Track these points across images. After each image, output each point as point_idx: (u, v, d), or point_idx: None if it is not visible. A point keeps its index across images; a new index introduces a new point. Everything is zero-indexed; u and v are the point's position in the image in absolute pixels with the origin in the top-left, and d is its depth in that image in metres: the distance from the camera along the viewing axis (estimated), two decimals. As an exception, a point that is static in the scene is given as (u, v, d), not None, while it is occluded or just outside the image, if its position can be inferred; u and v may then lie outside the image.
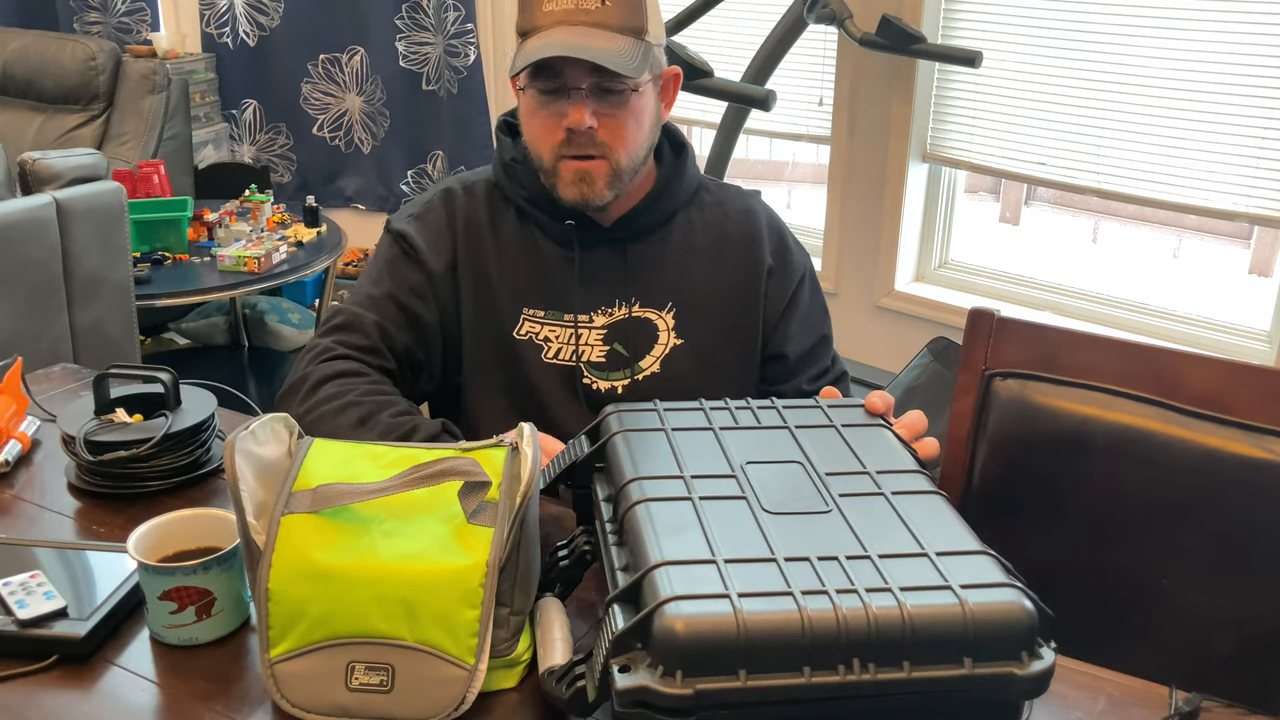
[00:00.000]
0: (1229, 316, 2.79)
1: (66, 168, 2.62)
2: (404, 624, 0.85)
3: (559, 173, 1.25)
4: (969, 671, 0.73)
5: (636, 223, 1.32)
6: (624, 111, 1.23)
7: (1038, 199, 5.99)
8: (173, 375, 1.23)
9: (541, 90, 1.22)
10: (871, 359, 3.10)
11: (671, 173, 1.34)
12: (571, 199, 1.25)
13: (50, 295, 2.56)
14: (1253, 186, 2.53)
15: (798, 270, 1.38)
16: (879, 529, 0.82)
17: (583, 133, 1.21)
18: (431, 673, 0.85)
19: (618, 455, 0.92)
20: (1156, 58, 2.59)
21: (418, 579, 0.85)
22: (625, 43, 1.19)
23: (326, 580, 0.85)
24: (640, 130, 1.26)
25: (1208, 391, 1.18)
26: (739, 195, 1.41)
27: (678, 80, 1.33)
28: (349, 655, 0.85)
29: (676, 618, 0.71)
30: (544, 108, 1.23)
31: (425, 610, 0.85)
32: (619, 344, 1.31)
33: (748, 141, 3.50)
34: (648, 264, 1.33)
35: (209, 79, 4.10)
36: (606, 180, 1.24)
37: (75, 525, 1.14)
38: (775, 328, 1.36)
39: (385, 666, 0.86)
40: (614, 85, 1.21)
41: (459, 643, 0.85)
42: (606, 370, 1.31)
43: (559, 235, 1.31)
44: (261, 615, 0.86)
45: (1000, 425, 1.29)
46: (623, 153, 1.24)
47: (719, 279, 1.34)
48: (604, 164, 1.24)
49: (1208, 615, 1.17)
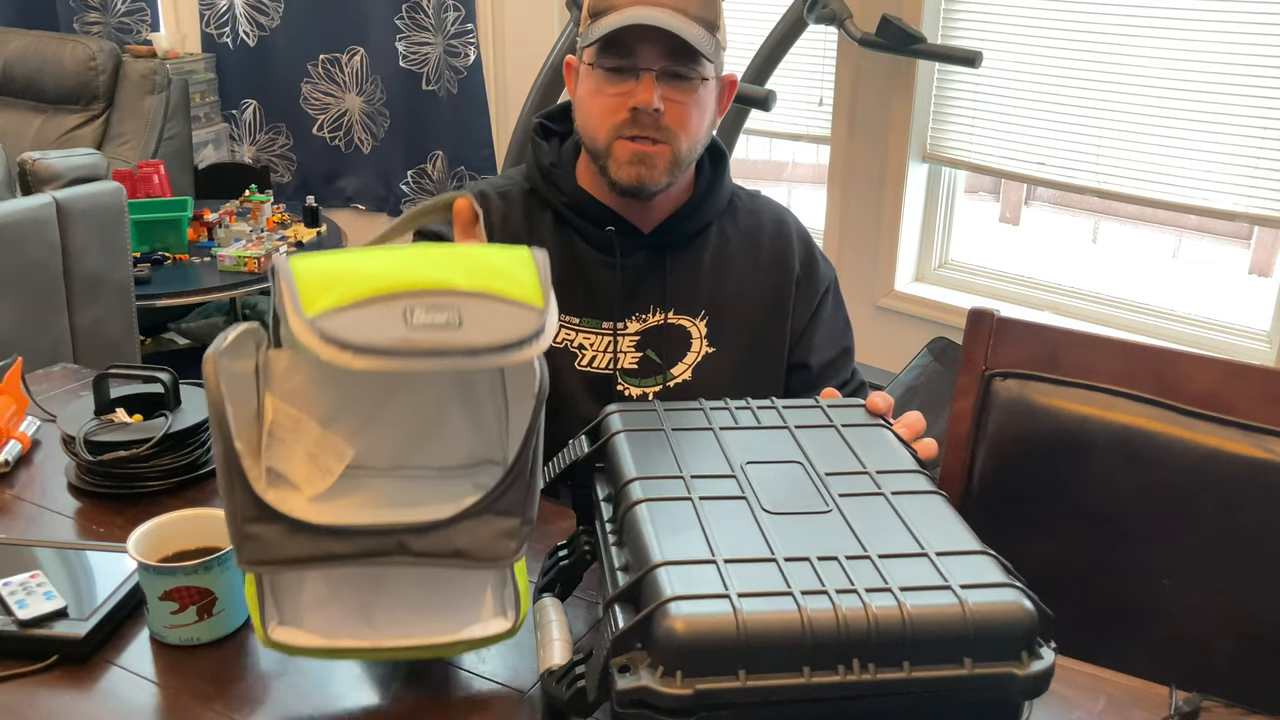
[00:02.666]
0: (1229, 316, 2.79)
1: (66, 168, 2.62)
2: (461, 275, 0.79)
3: (613, 152, 1.22)
4: (969, 672, 0.73)
5: (676, 230, 1.31)
6: (691, 99, 1.22)
7: (1038, 199, 5.99)
8: (173, 375, 1.24)
9: (610, 68, 1.21)
10: (871, 359, 3.10)
11: (711, 180, 1.34)
12: (627, 180, 1.23)
13: (50, 295, 2.56)
14: (1253, 186, 2.53)
15: (823, 282, 1.38)
16: (879, 529, 0.82)
17: (648, 115, 1.20)
18: (500, 312, 0.79)
19: (618, 455, 0.92)
20: (1156, 58, 2.59)
21: (468, 258, 0.81)
22: (702, 31, 1.19)
23: (360, 261, 0.79)
24: (703, 123, 1.25)
25: (1208, 391, 1.18)
26: (771, 205, 1.40)
27: (732, 88, 1.32)
28: (404, 302, 0.77)
29: (677, 618, 0.71)
30: (610, 84, 1.21)
31: (481, 267, 0.80)
32: (652, 350, 1.30)
33: (748, 141, 3.50)
34: (684, 271, 1.31)
35: (209, 79, 4.10)
36: (666, 166, 1.22)
37: (75, 525, 1.14)
38: (800, 338, 1.35)
39: (451, 306, 0.78)
40: (686, 71, 1.20)
41: (522, 288, 0.80)
42: (639, 377, 1.29)
43: (599, 241, 1.29)
44: (288, 284, 0.79)
45: (1000, 425, 1.29)
46: (685, 141, 1.23)
47: (751, 288, 1.33)
48: (666, 149, 1.22)
49: (1208, 615, 1.17)
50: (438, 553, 0.85)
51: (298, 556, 0.84)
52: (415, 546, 0.85)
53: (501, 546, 0.87)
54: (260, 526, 0.84)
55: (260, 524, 0.84)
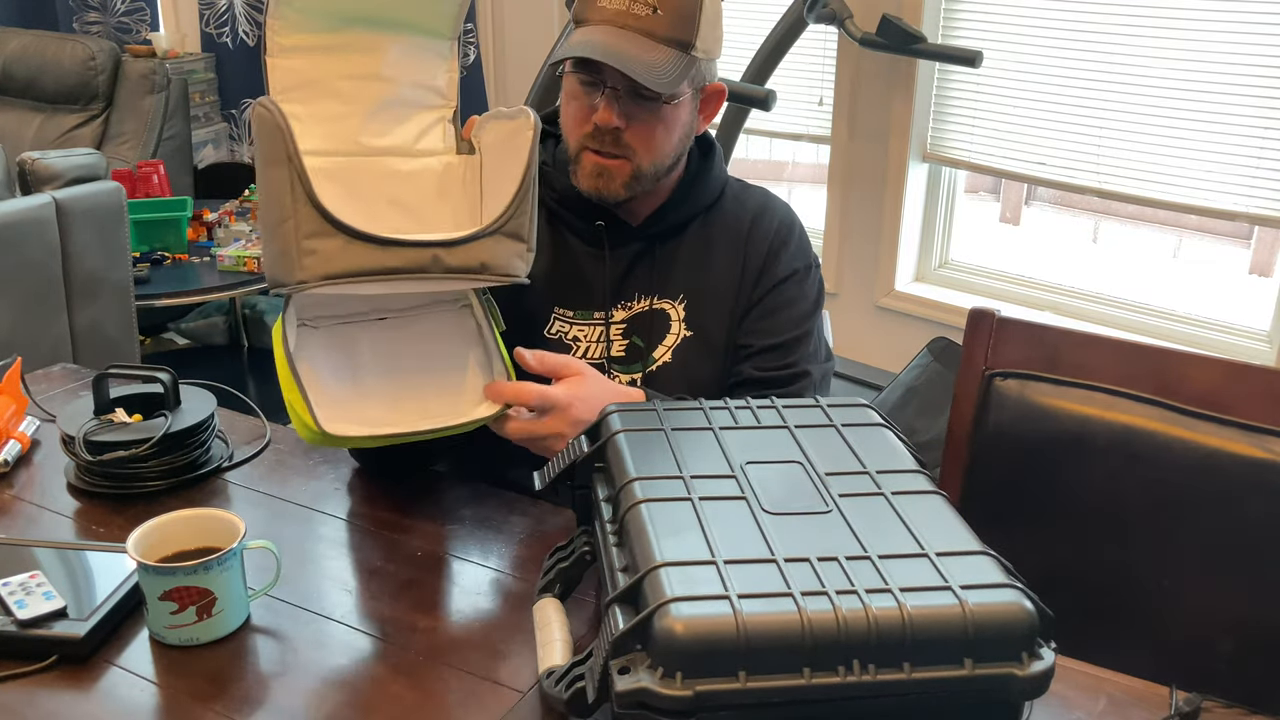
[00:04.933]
0: (1229, 316, 2.79)
1: (66, 168, 2.62)
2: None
3: (580, 161, 1.26)
4: (969, 672, 0.73)
5: (663, 221, 1.33)
6: (654, 119, 1.23)
7: (1038, 199, 5.98)
8: (172, 375, 1.24)
9: (580, 81, 1.24)
10: (871, 359, 3.10)
11: (698, 172, 1.35)
12: (587, 189, 1.27)
13: (50, 295, 2.56)
14: (1253, 186, 2.53)
15: (787, 268, 1.36)
16: (879, 529, 0.82)
17: (608, 131, 1.22)
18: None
19: (618, 455, 0.92)
20: (1156, 58, 2.59)
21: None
22: (667, 55, 1.19)
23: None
24: (669, 140, 1.26)
25: (1208, 391, 1.18)
26: (762, 195, 1.41)
27: (721, 97, 1.33)
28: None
29: (676, 619, 0.71)
30: (579, 98, 1.25)
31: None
32: (637, 336, 1.32)
33: (748, 141, 3.50)
34: (669, 259, 1.33)
35: (209, 79, 4.10)
36: (624, 181, 1.25)
37: (75, 525, 1.14)
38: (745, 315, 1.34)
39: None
40: (649, 92, 1.21)
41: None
42: (626, 364, 1.32)
43: (589, 235, 1.32)
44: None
45: (1000, 425, 1.29)
46: (646, 158, 1.25)
47: (727, 271, 1.34)
48: (625, 165, 1.24)
49: (1208, 615, 1.17)
50: (466, 268, 1.06)
51: (354, 269, 1.00)
52: (448, 260, 1.05)
53: (515, 265, 1.11)
54: (319, 241, 0.99)
55: (319, 238, 0.99)
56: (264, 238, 1.04)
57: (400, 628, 0.98)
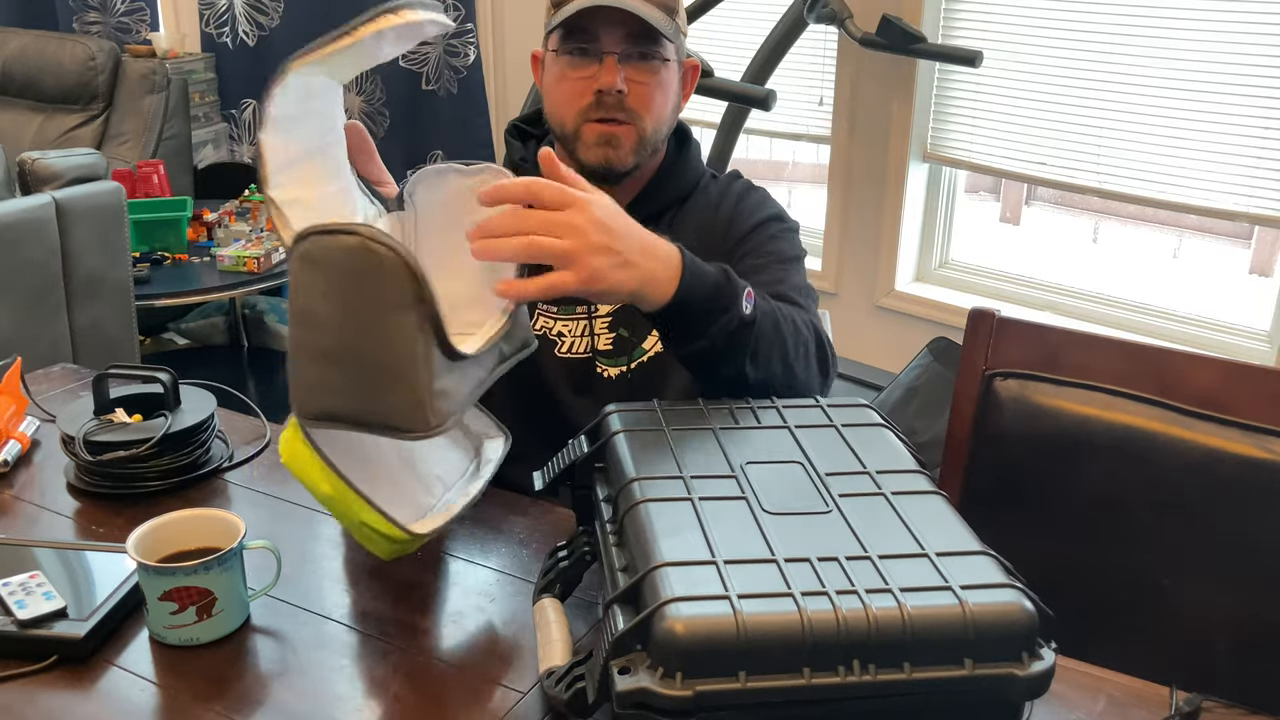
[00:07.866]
0: (1229, 316, 2.79)
1: (66, 168, 2.62)
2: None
3: (581, 135, 1.25)
4: (969, 672, 0.73)
5: (639, 211, 1.32)
6: (654, 80, 1.24)
7: (1038, 199, 5.98)
8: (172, 375, 1.23)
9: (573, 52, 1.24)
10: (871, 359, 3.10)
11: (674, 161, 1.36)
12: (595, 162, 1.25)
13: (49, 295, 2.56)
14: (1253, 186, 2.53)
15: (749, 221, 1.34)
16: (879, 529, 0.82)
17: (612, 97, 1.22)
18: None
19: (618, 455, 0.92)
20: (1157, 58, 2.59)
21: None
22: (661, 14, 1.22)
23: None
24: (666, 103, 1.27)
25: (1208, 391, 1.18)
26: (735, 181, 1.41)
27: (695, 74, 1.35)
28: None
29: (676, 619, 0.71)
30: (574, 70, 1.24)
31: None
32: (624, 328, 1.32)
33: (748, 141, 3.49)
34: None
35: (208, 79, 4.10)
36: (632, 146, 1.25)
37: (75, 525, 1.14)
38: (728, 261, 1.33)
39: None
40: (648, 50, 1.23)
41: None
42: (614, 356, 1.32)
43: None
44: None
45: (1000, 425, 1.29)
46: (649, 121, 1.25)
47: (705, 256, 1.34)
48: (631, 130, 1.25)
49: (1208, 615, 1.17)
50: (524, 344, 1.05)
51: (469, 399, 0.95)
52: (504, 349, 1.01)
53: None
54: (446, 380, 0.89)
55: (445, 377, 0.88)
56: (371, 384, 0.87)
57: (400, 628, 0.98)
